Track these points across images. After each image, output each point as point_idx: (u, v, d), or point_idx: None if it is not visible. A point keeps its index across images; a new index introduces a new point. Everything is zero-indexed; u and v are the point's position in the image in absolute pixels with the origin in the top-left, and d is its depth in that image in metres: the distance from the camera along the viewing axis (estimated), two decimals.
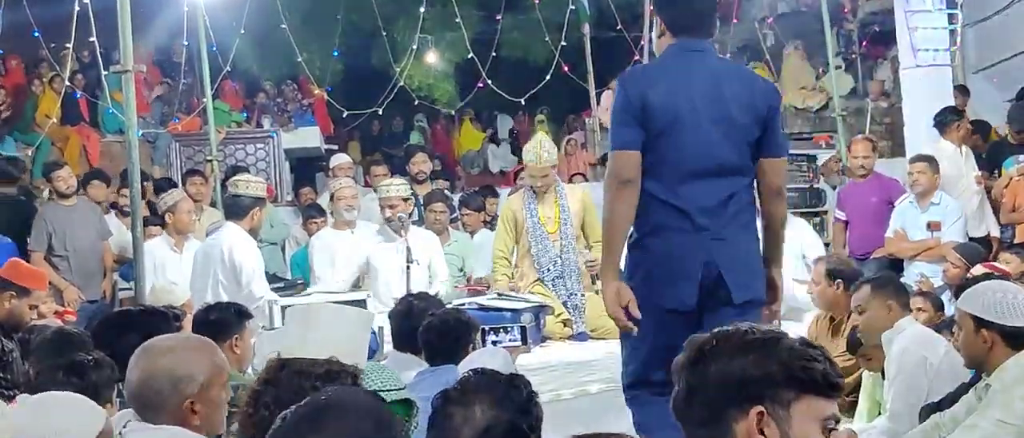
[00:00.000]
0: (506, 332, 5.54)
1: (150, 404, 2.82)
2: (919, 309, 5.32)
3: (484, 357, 4.00)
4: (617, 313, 3.64)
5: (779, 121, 3.84)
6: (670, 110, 3.62)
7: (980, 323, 3.79)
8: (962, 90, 10.62)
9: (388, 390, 3.74)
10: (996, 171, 8.51)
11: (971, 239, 7.49)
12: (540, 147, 6.65)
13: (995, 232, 7.96)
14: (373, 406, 2.11)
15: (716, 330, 2.08)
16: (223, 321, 4.45)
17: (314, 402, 2.10)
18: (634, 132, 3.61)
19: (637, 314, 3.60)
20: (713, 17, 3.84)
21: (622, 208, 3.64)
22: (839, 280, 5.53)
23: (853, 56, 15.14)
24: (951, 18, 8.57)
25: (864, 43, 15.00)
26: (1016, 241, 7.49)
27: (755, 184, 3.82)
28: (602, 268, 3.79)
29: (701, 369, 2.02)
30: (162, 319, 4.19)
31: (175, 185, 9.50)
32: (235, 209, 6.51)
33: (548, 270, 6.71)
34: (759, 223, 3.90)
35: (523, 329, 5.58)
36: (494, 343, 5.40)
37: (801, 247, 7.39)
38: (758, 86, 3.83)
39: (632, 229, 3.74)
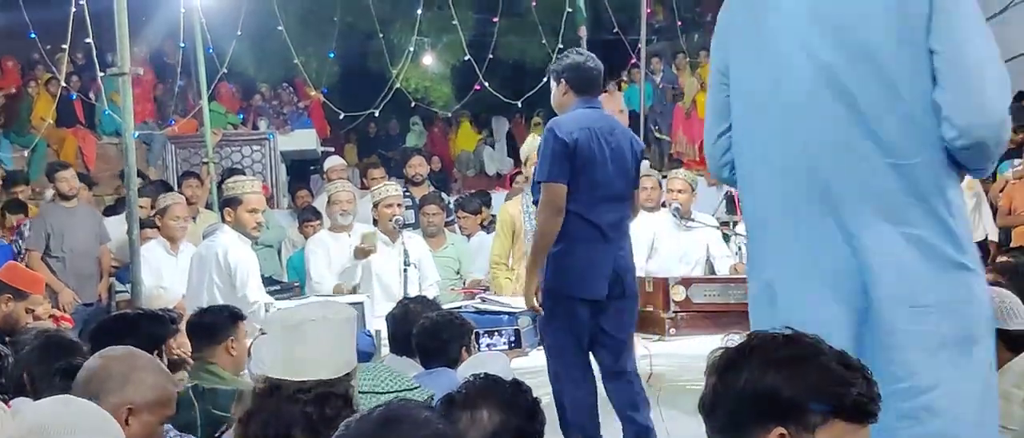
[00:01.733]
0: (500, 335, 5.53)
1: (92, 392, 2.86)
2: None
3: (486, 361, 3.99)
4: (532, 302, 4.65)
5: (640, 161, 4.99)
6: (587, 152, 4.61)
7: None
8: None
9: (403, 391, 3.74)
10: (992, 174, 8.52)
11: None
12: (534, 144, 6.66)
13: (993, 236, 7.96)
14: (435, 418, 2.10)
15: (754, 333, 2.04)
16: (216, 324, 4.43)
17: (377, 415, 2.08)
18: (565, 169, 4.56)
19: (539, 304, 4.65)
20: (602, 80, 5.02)
21: (553, 229, 4.59)
22: None
23: None
24: None
25: None
26: (1013, 245, 7.49)
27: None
28: (529, 269, 4.72)
29: (732, 375, 1.98)
30: (159, 322, 4.18)
31: (171, 188, 9.49)
32: (219, 211, 6.52)
33: None
34: None
35: (516, 332, 5.55)
36: (488, 346, 5.39)
37: None
38: (630, 135, 4.94)
39: (560, 240, 4.64)
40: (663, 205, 7.25)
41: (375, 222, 7.13)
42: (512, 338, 5.53)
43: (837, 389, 1.92)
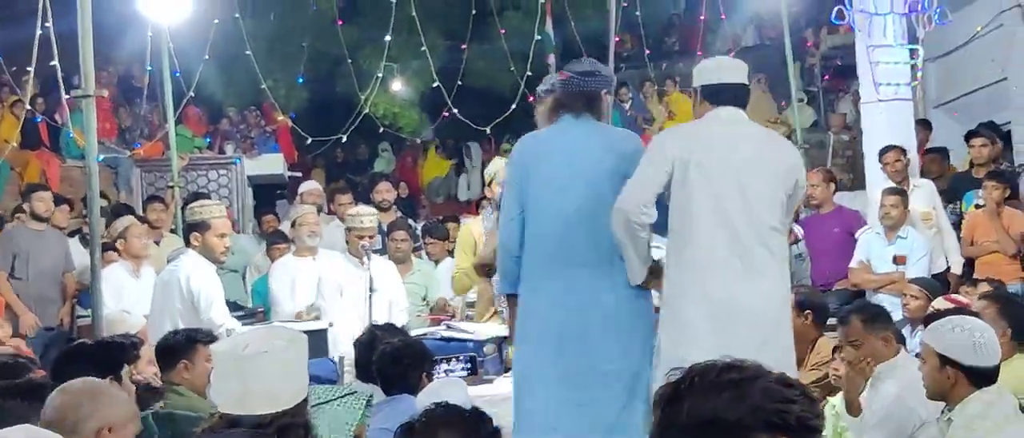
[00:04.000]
0: (458, 361, 5.49)
1: (69, 424, 2.97)
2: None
3: (444, 388, 3.97)
4: None
5: None
6: None
7: (944, 361, 3.79)
8: (924, 124, 10.72)
9: (338, 398, 3.72)
10: (957, 203, 8.59)
11: (932, 275, 7.53)
12: (500, 164, 6.70)
13: (956, 268, 8.00)
14: None
15: (694, 365, 2.05)
16: (175, 347, 4.45)
17: None
18: None
19: None
20: None
21: None
22: (808, 311, 5.51)
23: (815, 90, 15.29)
24: (912, 53, 8.64)
25: (826, 77, 15.14)
26: (976, 276, 7.53)
27: None
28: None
29: (676, 406, 1.97)
30: (119, 349, 4.16)
31: (132, 211, 9.42)
32: (184, 236, 6.48)
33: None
34: None
35: (472, 358, 5.52)
36: (446, 373, 5.36)
37: None
38: None
39: None
40: None
41: (351, 239, 7.05)
42: (469, 366, 5.49)
43: (780, 407, 1.92)
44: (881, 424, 4.38)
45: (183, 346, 4.43)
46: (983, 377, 3.78)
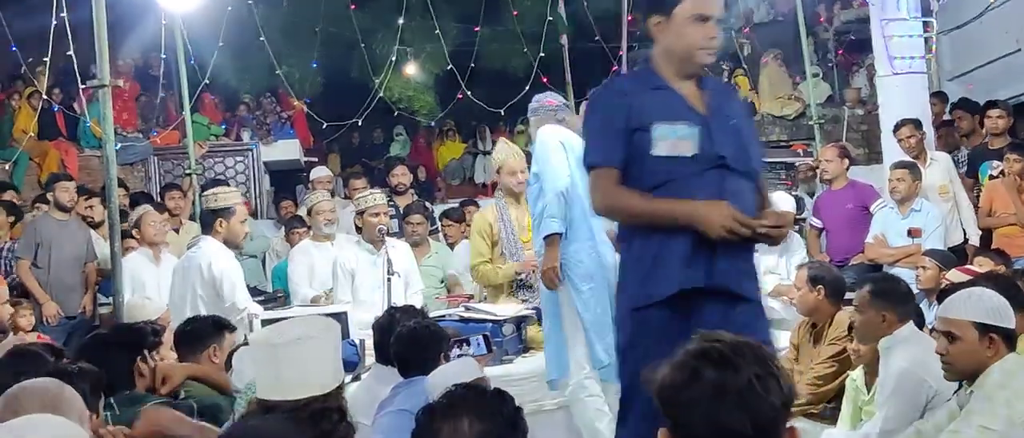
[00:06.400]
0: (468, 344, 5.48)
1: None
2: None
3: (455, 368, 3.98)
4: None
5: None
6: None
7: (986, 329, 3.73)
8: (940, 96, 10.67)
9: None
10: (976, 175, 8.58)
11: (950, 248, 7.51)
12: (507, 146, 6.70)
13: (974, 240, 7.98)
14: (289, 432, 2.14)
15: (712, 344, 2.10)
16: (200, 332, 4.46)
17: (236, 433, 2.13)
18: None
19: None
20: None
21: None
22: (821, 286, 5.51)
23: (829, 64, 15.23)
24: (926, 26, 8.60)
25: (840, 51, 15.08)
26: (994, 246, 7.51)
27: None
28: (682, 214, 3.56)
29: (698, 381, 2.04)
30: (139, 335, 4.19)
31: (151, 199, 9.48)
32: (203, 223, 6.52)
33: (522, 280, 6.60)
34: None
35: (486, 338, 5.49)
36: (459, 355, 5.34)
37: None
38: None
39: None
40: None
41: (358, 230, 7.09)
42: (481, 345, 5.46)
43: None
44: (893, 397, 4.37)
45: (210, 332, 4.43)
46: (1014, 341, 3.78)
